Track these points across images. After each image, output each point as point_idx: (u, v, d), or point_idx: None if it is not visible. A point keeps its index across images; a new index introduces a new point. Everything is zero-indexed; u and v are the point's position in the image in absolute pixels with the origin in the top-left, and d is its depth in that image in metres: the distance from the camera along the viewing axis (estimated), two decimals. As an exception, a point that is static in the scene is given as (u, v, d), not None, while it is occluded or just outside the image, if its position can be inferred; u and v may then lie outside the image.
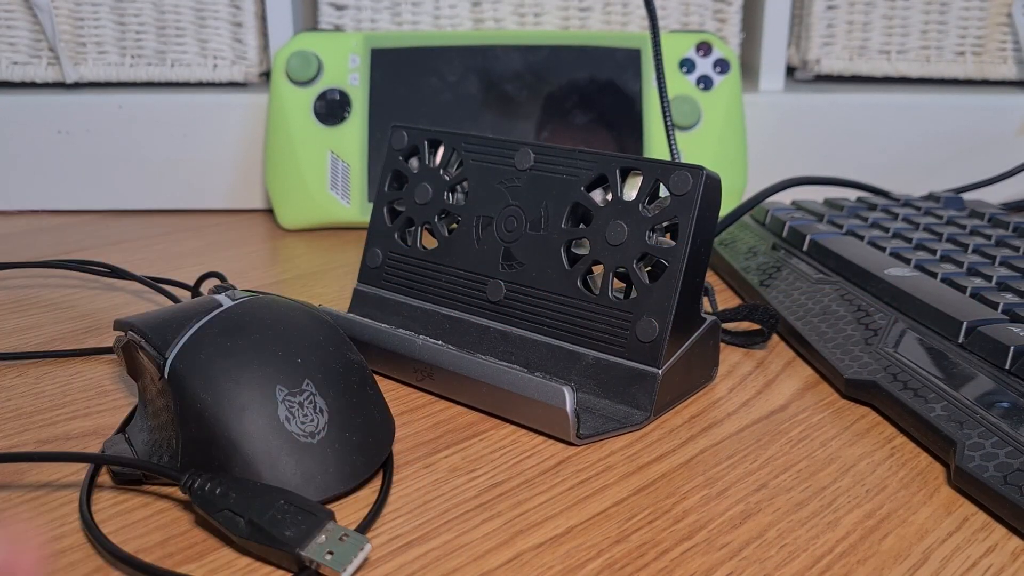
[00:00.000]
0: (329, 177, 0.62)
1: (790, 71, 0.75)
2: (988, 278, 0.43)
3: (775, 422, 0.37)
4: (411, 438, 0.36)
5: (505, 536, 0.29)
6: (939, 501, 0.31)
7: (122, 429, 0.35)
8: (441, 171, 0.43)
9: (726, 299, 0.51)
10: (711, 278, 0.54)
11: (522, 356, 0.39)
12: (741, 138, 0.65)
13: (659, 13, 0.68)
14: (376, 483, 0.32)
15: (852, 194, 0.65)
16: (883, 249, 0.49)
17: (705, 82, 0.64)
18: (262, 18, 0.69)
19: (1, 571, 0.17)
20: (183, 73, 0.68)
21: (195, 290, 0.48)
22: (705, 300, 0.43)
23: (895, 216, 0.54)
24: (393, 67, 0.63)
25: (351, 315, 0.43)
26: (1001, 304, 0.40)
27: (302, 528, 0.27)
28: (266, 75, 0.71)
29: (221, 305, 0.34)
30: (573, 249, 0.39)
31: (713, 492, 0.32)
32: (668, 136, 0.49)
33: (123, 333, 0.34)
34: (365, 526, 0.29)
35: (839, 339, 0.41)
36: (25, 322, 0.47)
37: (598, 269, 0.38)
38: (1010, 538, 0.29)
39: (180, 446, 0.31)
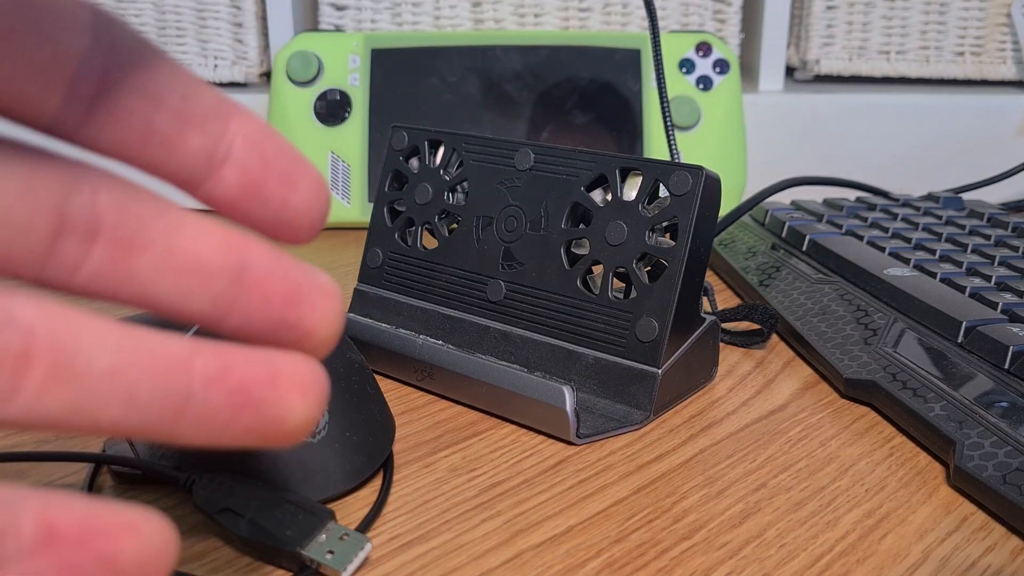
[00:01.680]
0: (329, 177, 0.63)
1: (789, 71, 0.75)
2: (987, 278, 0.43)
3: (774, 422, 0.37)
4: (411, 438, 0.36)
5: (505, 535, 0.29)
6: (938, 500, 0.31)
7: (123, 429, 0.35)
8: (441, 171, 0.43)
9: (726, 299, 0.51)
10: (711, 278, 0.55)
11: (522, 356, 0.39)
12: (741, 138, 0.65)
13: (659, 13, 0.68)
14: (376, 482, 0.32)
15: (851, 194, 0.66)
16: (882, 249, 0.49)
17: (705, 82, 0.64)
18: (262, 18, 0.69)
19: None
20: (183, 73, 0.68)
21: (195, 290, 0.48)
22: (704, 300, 0.43)
23: (894, 216, 0.54)
24: (393, 67, 0.63)
25: (351, 315, 0.43)
26: (1000, 304, 0.40)
27: (303, 527, 0.28)
28: (267, 75, 0.71)
29: (222, 305, 0.34)
30: (573, 249, 0.39)
31: (712, 491, 0.32)
32: (668, 136, 0.49)
33: (124, 333, 0.34)
34: (365, 525, 0.30)
35: (838, 339, 0.41)
36: (26, 322, 0.47)
37: (598, 269, 0.38)
38: (1009, 537, 0.29)
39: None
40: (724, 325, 0.45)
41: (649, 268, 0.37)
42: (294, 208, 0.18)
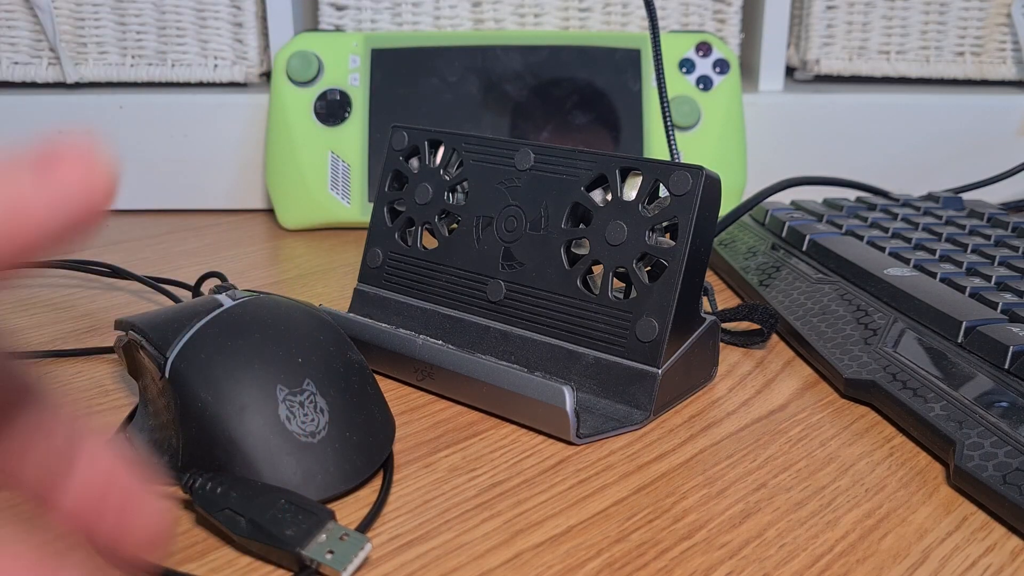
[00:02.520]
0: (329, 177, 0.63)
1: (789, 71, 0.75)
2: (987, 278, 0.43)
3: (774, 422, 0.37)
4: (411, 438, 0.36)
5: (505, 535, 0.29)
6: (938, 500, 0.31)
7: (123, 429, 0.35)
8: (441, 171, 0.43)
9: (726, 299, 0.51)
10: (711, 278, 0.55)
11: (522, 356, 0.39)
12: (741, 138, 0.65)
13: (659, 13, 0.68)
14: (376, 483, 0.32)
15: (851, 194, 0.65)
16: (882, 249, 0.49)
17: (705, 82, 0.64)
18: (262, 18, 0.69)
19: None
20: (183, 73, 0.68)
21: (196, 290, 0.48)
22: (704, 300, 0.43)
23: (894, 216, 0.54)
24: (393, 67, 0.63)
25: (352, 315, 0.43)
26: (1000, 304, 0.40)
27: (303, 527, 0.28)
28: (266, 75, 0.71)
29: (222, 305, 0.34)
30: (573, 249, 0.39)
31: (712, 491, 0.32)
32: (668, 136, 0.49)
33: (124, 333, 0.34)
34: (365, 525, 0.30)
35: (838, 339, 0.41)
36: (26, 322, 0.47)
37: (598, 269, 0.38)
38: (1009, 537, 0.29)
39: (181, 445, 0.31)
40: (724, 325, 0.45)
41: (649, 268, 0.37)
42: (128, 542, 0.19)
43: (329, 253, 0.59)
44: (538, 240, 0.39)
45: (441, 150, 0.43)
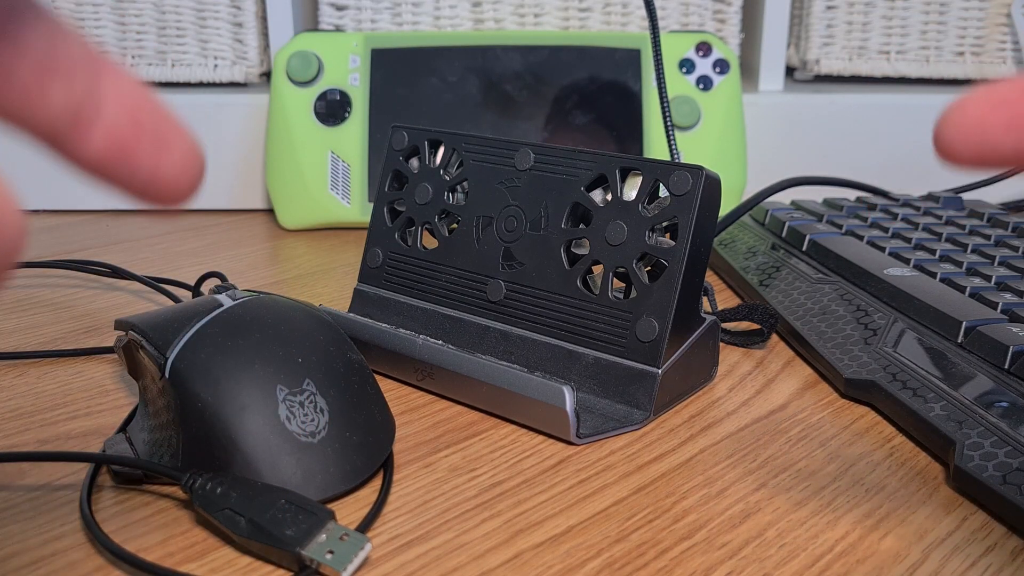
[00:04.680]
0: (329, 177, 0.63)
1: (789, 71, 0.75)
2: (987, 278, 0.43)
3: (774, 422, 0.37)
4: (411, 437, 0.36)
5: (505, 535, 0.29)
6: (938, 500, 0.31)
7: (123, 429, 0.35)
8: (441, 171, 0.43)
9: (726, 299, 0.51)
10: (711, 278, 0.55)
11: (522, 356, 0.39)
12: (741, 138, 0.65)
13: (659, 13, 0.68)
14: (376, 482, 0.32)
15: (851, 194, 0.65)
16: (882, 249, 0.49)
17: (705, 82, 0.64)
18: (263, 18, 0.69)
19: None
20: (184, 73, 0.68)
21: (196, 290, 0.48)
22: (704, 300, 0.43)
23: (894, 216, 0.54)
24: (393, 67, 0.63)
25: (351, 315, 0.43)
26: (1000, 304, 0.40)
27: (303, 527, 0.28)
28: (266, 75, 0.71)
29: (222, 305, 0.34)
30: (573, 249, 0.39)
31: (712, 491, 0.32)
32: (668, 136, 0.49)
33: (124, 333, 0.34)
34: (365, 525, 0.30)
35: (838, 339, 0.41)
36: (26, 322, 0.47)
37: (598, 269, 0.38)
38: (1009, 537, 0.29)
39: (181, 445, 0.31)
40: (724, 325, 0.45)
41: (649, 268, 0.37)
42: (165, 174, 0.18)
43: (329, 253, 0.59)
44: (538, 240, 0.39)
45: (441, 150, 0.43)
